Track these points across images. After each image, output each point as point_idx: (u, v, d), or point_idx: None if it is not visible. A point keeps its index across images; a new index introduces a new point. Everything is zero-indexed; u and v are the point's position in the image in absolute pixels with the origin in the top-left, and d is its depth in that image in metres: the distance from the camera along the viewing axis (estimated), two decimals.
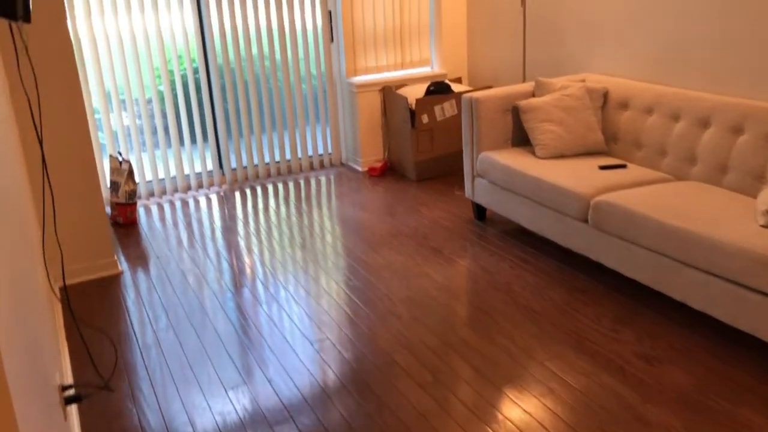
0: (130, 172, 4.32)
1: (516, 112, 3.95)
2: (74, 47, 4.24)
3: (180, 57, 4.74)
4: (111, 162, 4.37)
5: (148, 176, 4.82)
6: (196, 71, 4.79)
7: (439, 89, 4.84)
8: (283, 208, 4.50)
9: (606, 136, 3.83)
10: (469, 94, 3.91)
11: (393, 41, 5.21)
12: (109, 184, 4.43)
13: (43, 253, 2.80)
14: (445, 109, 4.82)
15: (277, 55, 4.99)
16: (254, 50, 4.90)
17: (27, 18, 1.76)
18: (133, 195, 4.33)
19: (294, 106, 5.15)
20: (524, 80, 4.66)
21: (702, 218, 2.74)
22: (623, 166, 3.50)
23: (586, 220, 3.20)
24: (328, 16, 5.07)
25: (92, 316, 3.20)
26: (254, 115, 5.01)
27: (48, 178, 3.11)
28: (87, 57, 4.36)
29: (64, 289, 3.49)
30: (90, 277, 3.59)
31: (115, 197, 4.32)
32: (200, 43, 4.72)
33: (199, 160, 4.95)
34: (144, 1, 4.42)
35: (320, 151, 5.41)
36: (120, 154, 4.41)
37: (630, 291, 3.17)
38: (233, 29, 4.77)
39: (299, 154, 5.30)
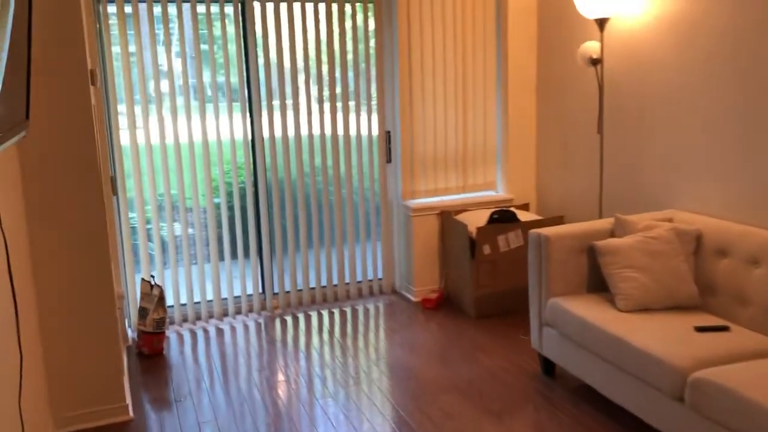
0: (161, 298, 3.97)
1: (593, 254, 3.44)
2: (114, 154, 4.03)
3: (226, 169, 4.48)
4: (142, 286, 4.03)
5: (183, 298, 4.45)
6: (242, 183, 4.51)
7: (503, 217, 4.38)
8: (326, 349, 4.02)
9: (700, 287, 3.25)
10: (537, 231, 3.43)
11: (455, 163, 4.84)
12: (138, 309, 4.07)
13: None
14: (510, 240, 4.34)
15: (330, 171, 4.67)
16: (306, 163, 4.60)
17: None
18: (161, 324, 3.95)
19: (344, 226, 4.78)
20: (600, 213, 4.16)
21: None
22: (726, 329, 2.89)
23: (681, 399, 2.59)
24: (386, 136, 4.76)
25: None
26: (302, 234, 4.65)
27: (17, 319, 2.75)
28: (127, 164, 4.14)
29: None
30: (95, 424, 3.16)
31: (142, 325, 3.95)
32: (249, 153, 4.45)
33: (238, 281, 4.57)
34: (191, 106, 4.22)
35: (370, 276, 4.97)
36: (153, 277, 4.08)
37: None
38: (284, 140, 4.49)
39: (347, 279, 4.87)
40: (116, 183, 4.03)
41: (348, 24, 4.54)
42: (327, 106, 4.57)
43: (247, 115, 4.40)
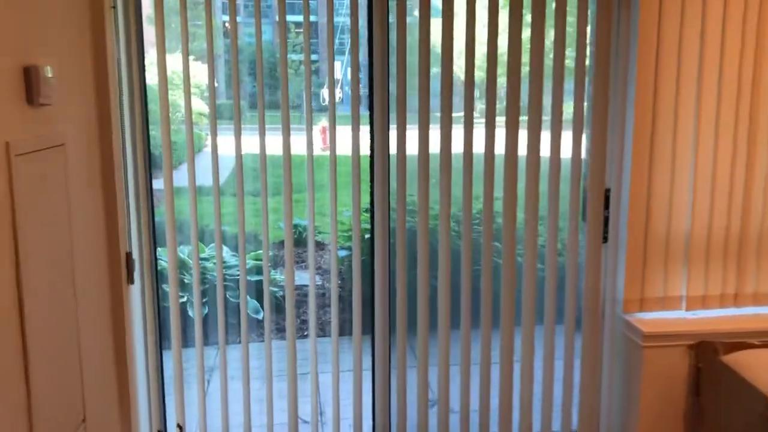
0: None
1: None
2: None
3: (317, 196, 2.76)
4: None
5: None
6: (345, 226, 2.79)
7: None
8: None
9: None
10: None
11: (723, 252, 2.77)
12: None
13: None
14: None
15: (499, 239, 2.81)
16: (457, 200, 2.75)
17: None
18: None
19: (518, 314, 2.85)
20: None
21: None
22: None
23: None
24: (604, 197, 2.79)
25: None
26: (441, 323, 2.79)
27: None
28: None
29: None
30: None
31: None
32: (364, 179, 2.73)
33: (328, 395, 2.84)
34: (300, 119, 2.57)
35: (556, 426, 3.01)
36: (180, 428, 2.43)
37: None
38: (422, 161, 2.67)
39: (516, 426, 2.95)
40: (134, 266, 2.44)
41: (550, 6, 2.66)
42: (502, 121, 2.71)
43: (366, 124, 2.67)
